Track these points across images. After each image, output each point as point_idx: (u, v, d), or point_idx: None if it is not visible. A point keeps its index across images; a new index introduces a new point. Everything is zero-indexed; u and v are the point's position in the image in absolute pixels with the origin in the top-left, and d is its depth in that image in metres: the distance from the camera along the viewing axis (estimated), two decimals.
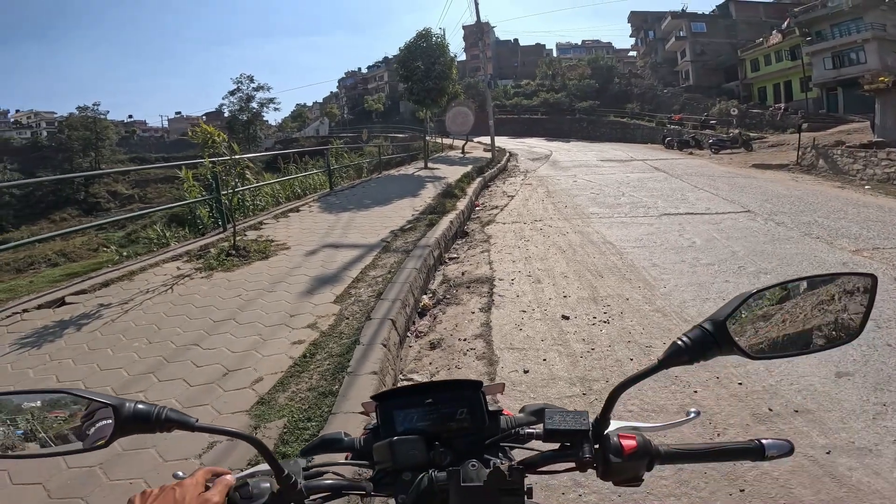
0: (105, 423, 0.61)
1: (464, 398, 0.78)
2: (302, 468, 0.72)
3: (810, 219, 7.02)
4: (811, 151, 13.75)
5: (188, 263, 5.24)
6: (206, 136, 5.48)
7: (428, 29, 15.83)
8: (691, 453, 0.70)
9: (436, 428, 0.76)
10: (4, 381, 2.86)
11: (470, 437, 0.76)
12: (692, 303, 4.09)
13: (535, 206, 9.08)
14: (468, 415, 0.77)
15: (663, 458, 0.69)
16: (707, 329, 0.65)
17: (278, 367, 2.90)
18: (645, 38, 48.29)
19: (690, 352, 0.65)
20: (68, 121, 49.88)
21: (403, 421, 0.77)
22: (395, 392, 0.83)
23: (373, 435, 0.79)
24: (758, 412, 2.55)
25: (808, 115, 25.77)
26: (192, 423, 0.64)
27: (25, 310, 3.95)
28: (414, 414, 0.77)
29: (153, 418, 0.62)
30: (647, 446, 0.69)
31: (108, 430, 0.61)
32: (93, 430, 0.62)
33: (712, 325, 0.65)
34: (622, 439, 0.69)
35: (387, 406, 0.79)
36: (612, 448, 0.68)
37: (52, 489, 1.95)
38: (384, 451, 0.72)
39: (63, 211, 38.22)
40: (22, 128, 62.94)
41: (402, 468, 0.70)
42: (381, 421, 0.78)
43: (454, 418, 0.77)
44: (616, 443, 0.69)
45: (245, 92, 41.18)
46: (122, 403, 0.61)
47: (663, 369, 0.66)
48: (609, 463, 0.68)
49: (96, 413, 0.62)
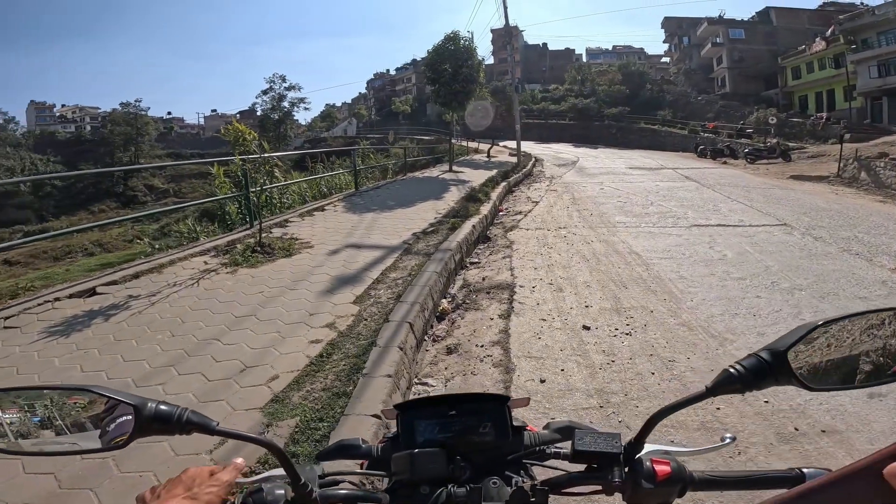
0: (125, 420, 0.60)
1: (488, 412, 0.77)
2: (317, 475, 0.70)
3: (850, 234, 6.71)
4: (853, 163, 13.17)
5: (215, 258, 5.35)
6: (236, 133, 5.60)
7: (456, 32, 15.86)
8: (726, 480, 0.67)
9: (457, 441, 0.74)
10: (30, 370, 2.96)
11: (492, 451, 0.74)
12: (720, 318, 3.94)
13: (560, 213, 8.96)
14: (492, 429, 0.75)
15: (697, 484, 0.66)
16: (764, 358, 0.61)
17: (295, 366, 2.92)
18: (679, 43, 47.34)
19: (744, 380, 0.61)
20: (111, 116, 51.98)
21: (424, 432, 0.76)
22: (417, 402, 0.81)
23: (391, 444, 0.78)
24: (783, 431, 2.45)
25: (850, 125, 24.74)
26: (213, 426, 0.63)
27: (57, 298, 4.10)
28: (436, 425, 0.76)
29: (174, 420, 0.61)
30: (682, 472, 0.65)
31: (127, 429, 0.60)
32: (112, 427, 0.61)
33: (770, 355, 0.61)
34: (655, 464, 0.66)
35: (408, 416, 0.78)
36: (645, 473, 0.65)
37: (63, 479, 1.98)
38: (403, 463, 0.70)
39: (102, 203, 39.80)
40: (67, 122, 65.84)
41: (421, 481, 0.69)
42: (402, 430, 0.77)
43: (477, 432, 0.75)
44: (649, 468, 0.65)
45: (277, 91, 42.03)
46: (144, 403, 0.60)
47: (711, 397, 0.62)
48: (640, 488, 0.65)
49: (116, 410, 0.61)
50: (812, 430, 2.44)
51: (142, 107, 50.74)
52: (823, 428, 2.45)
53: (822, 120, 27.41)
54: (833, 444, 2.33)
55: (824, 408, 2.62)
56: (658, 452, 0.68)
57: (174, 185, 42.65)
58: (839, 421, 2.51)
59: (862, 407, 2.61)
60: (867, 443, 2.32)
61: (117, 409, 0.61)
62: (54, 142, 51.72)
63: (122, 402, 0.60)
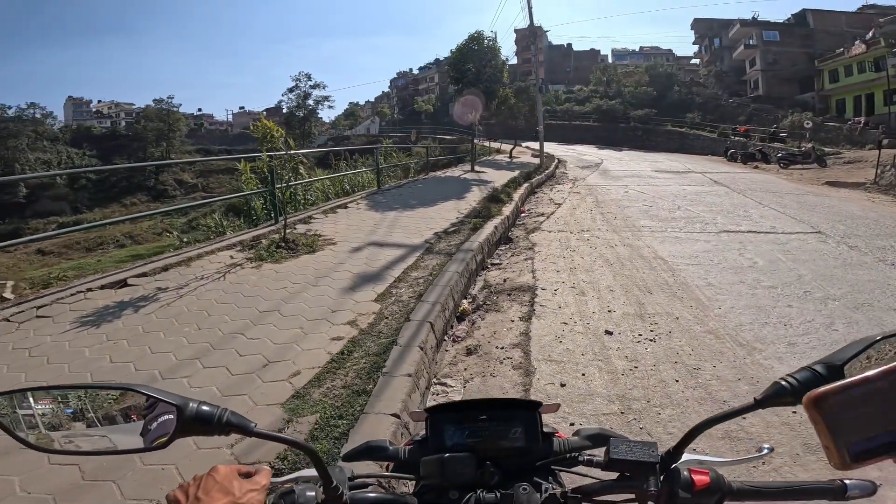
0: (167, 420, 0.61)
1: (518, 417, 0.76)
2: (347, 478, 0.71)
3: (886, 243, 6.43)
4: (891, 170, 12.64)
5: (241, 253, 5.46)
6: (265, 130, 5.70)
7: (480, 32, 15.85)
8: (766, 491, 0.65)
9: (486, 446, 0.74)
10: (61, 359, 3.04)
11: (521, 457, 0.74)
12: (749, 326, 3.82)
13: (583, 216, 8.84)
14: (522, 435, 0.75)
15: (736, 494, 0.64)
16: (819, 372, 0.59)
17: (316, 362, 2.95)
18: (710, 45, 46.20)
19: (796, 394, 0.58)
20: (145, 112, 53.59)
21: (453, 436, 0.75)
22: (447, 406, 0.81)
23: (419, 447, 0.78)
24: (810, 442, 2.36)
25: (889, 130, 23.74)
26: (251, 427, 0.63)
27: (90, 289, 4.23)
28: (465, 429, 0.76)
29: (214, 421, 0.61)
30: (720, 482, 0.64)
31: (169, 429, 0.60)
32: (154, 426, 0.62)
33: (826, 369, 0.58)
34: (694, 474, 0.64)
35: (438, 419, 0.77)
36: (682, 482, 0.63)
37: (87, 471, 2.02)
38: (433, 467, 0.70)
39: (134, 196, 41.13)
40: (103, 117, 68.11)
41: (450, 486, 0.69)
42: (431, 434, 0.77)
43: (507, 437, 0.75)
44: (687, 477, 0.64)
45: (303, 89, 42.65)
46: (186, 403, 0.61)
47: (760, 409, 0.61)
48: (676, 498, 0.63)
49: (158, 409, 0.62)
50: None
51: (174, 103, 52.23)
52: None
53: (860, 125, 26.38)
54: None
55: None
56: (694, 462, 0.67)
57: (203, 181, 43.73)
58: None
59: None
60: None
61: (159, 408, 0.62)
62: (90, 136, 53.61)
63: (165, 402, 0.61)
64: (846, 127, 26.75)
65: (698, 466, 0.66)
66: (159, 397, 0.61)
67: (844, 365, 0.57)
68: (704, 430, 0.63)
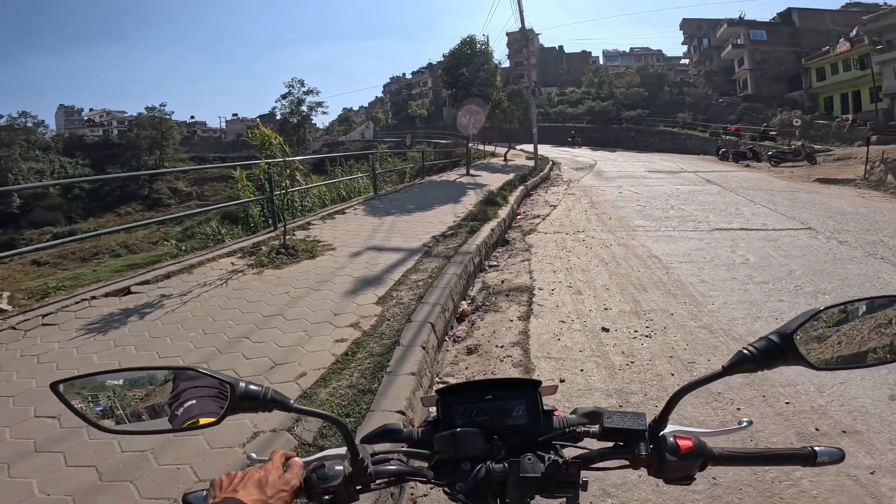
0: (220, 397, 0.68)
1: (521, 396, 0.82)
2: (370, 454, 0.77)
3: (876, 238, 6.57)
4: (880, 166, 12.83)
5: (241, 259, 5.52)
6: (263, 138, 5.77)
7: (472, 36, 16.00)
8: (744, 456, 0.74)
9: (493, 423, 0.80)
10: (70, 365, 3.10)
11: (524, 433, 0.80)
12: (742, 321, 3.93)
13: (578, 217, 8.95)
14: (525, 412, 0.81)
15: (717, 459, 0.72)
16: (774, 340, 0.68)
17: (321, 364, 3.02)
18: (699, 45, 46.65)
19: (756, 360, 0.68)
20: (137, 120, 53.45)
21: (463, 415, 0.81)
22: (456, 388, 0.87)
23: (431, 428, 0.83)
24: (804, 431, 2.47)
25: (877, 126, 24.06)
26: (290, 404, 0.71)
27: (94, 297, 4.29)
28: (473, 409, 0.81)
29: (260, 398, 0.69)
30: (703, 447, 0.72)
31: (223, 405, 0.67)
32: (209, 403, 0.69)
33: (779, 337, 0.68)
34: (679, 440, 0.72)
35: (448, 400, 0.84)
36: (669, 447, 0.71)
37: (104, 472, 2.07)
38: (446, 442, 0.76)
39: (128, 205, 40.98)
40: (95, 126, 67.77)
41: (462, 458, 0.75)
42: (442, 414, 0.83)
43: (511, 415, 0.81)
44: (672, 443, 0.72)
45: (296, 95, 42.72)
46: (238, 382, 0.68)
47: (727, 375, 0.70)
48: (664, 461, 0.71)
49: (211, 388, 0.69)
50: (833, 431, 2.45)
51: (166, 111, 52.19)
52: (844, 429, 2.46)
53: (848, 122, 26.74)
54: (853, 444, 2.33)
55: (845, 409, 2.62)
56: (680, 432, 0.75)
57: (197, 189, 43.64)
58: (860, 422, 2.51)
59: (883, 409, 2.61)
60: (888, 443, 2.32)
61: (213, 387, 0.69)
62: (83, 145, 53.39)
63: (221, 380, 0.68)
64: (835, 124, 27.09)
65: (684, 434, 0.74)
66: (215, 376, 0.68)
67: (794, 333, 0.67)
68: (682, 397, 0.72)
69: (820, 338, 0.71)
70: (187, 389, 0.71)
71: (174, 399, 0.71)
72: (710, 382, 0.70)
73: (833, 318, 0.71)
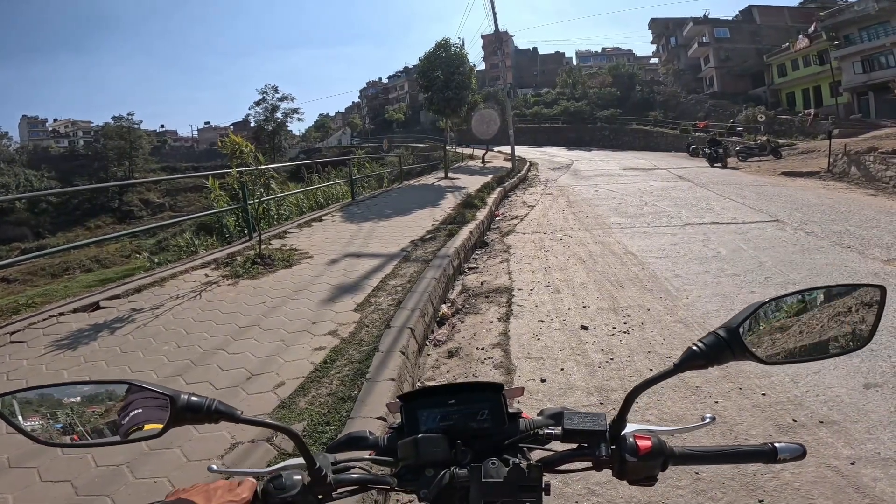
0: (160, 410, 0.66)
1: (485, 400, 0.81)
2: (331, 463, 0.76)
3: (842, 228, 6.81)
4: (843, 158, 13.33)
5: (216, 271, 5.40)
6: (233, 146, 5.66)
7: (447, 39, 16.05)
8: (704, 455, 0.73)
9: (458, 428, 0.78)
10: (40, 381, 2.92)
11: (490, 437, 0.79)
12: (716, 314, 4.02)
13: (556, 217, 9.05)
14: (489, 416, 0.80)
15: (677, 458, 0.71)
16: (721, 335, 0.68)
17: (300, 373, 2.97)
18: (667, 44, 47.77)
19: (705, 356, 0.68)
20: (104, 130, 51.97)
21: (427, 420, 0.80)
22: (419, 392, 0.85)
23: (396, 434, 0.82)
24: (781, 423, 2.51)
25: (839, 120, 24.99)
26: (237, 414, 0.68)
27: (62, 313, 4.14)
28: (437, 414, 0.80)
29: (204, 409, 0.66)
30: (662, 447, 0.71)
31: (164, 418, 0.65)
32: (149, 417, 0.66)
33: (726, 332, 0.68)
34: (638, 440, 0.72)
35: (411, 406, 0.82)
36: (628, 448, 0.71)
37: (80, 486, 2.03)
38: (409, 448, 0.74)
39: (98, 218, 39.75)
40: (60, 136, 65.72)
41: (425, 464, 0.73)
42: (406, 420, 0.81)
43: (475, 419, 0.79)
44: (632, 443, 0.71)
45: (270, 102, 42.21)
46: (178, 395, 0.66)
47: (679, 373, 0.69)
48: (625, 462, 0.70)
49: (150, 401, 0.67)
50: (810, 422, 2.50)
51: (134, 120, 50.91)
52: (821, 419, 2.51)
53: (811, 116, 27.69)
54: (832, 434, 2.38)
55: (821, 399, 2.68)
56: (642, 431, 0.74)
57: (170, 200, 42.63)
58: (836, 412, 2.56)
59: (859, 398, 2.67)
60: (865, 432, 2.37)
61: (153, 401, 0.67)
62: (48, 157, 51.70)
63: (159, 394, 0.66)
64: (797, 119, 28.02)
65: (645, 434, 0.73)
66: (154, 389, 0.66)
67: (738, 327, 0.68)
68: (638, 395, 0.71)
69: (777, 333, 0.71)
70: (136, 401, 0.69)
71: (123, 411, 0.68)
72: (663, 380, 0.70)
73: (792, 309, 0.72)
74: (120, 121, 50.22)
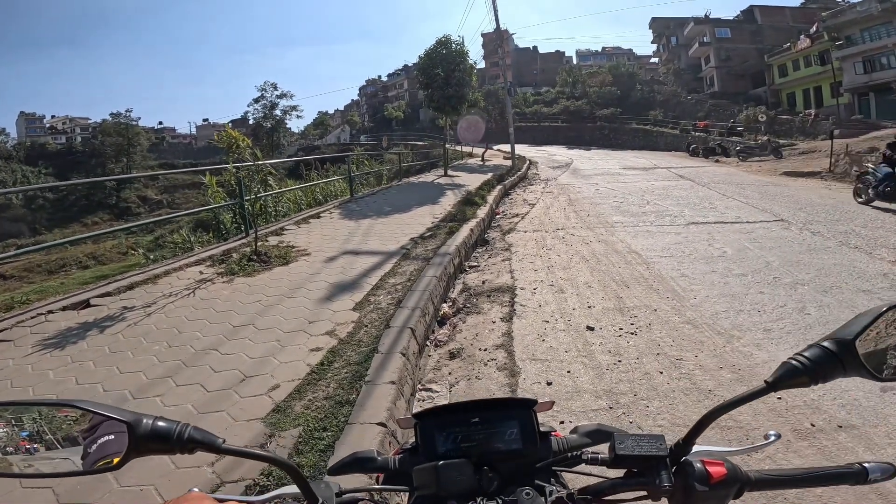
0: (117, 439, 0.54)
1: (513, 417, 0.72)
2: (334, 493, 0.65)
3: (847, 228, 6.72)
4: (844, 158, 13.27)
5: (211, 268, 5.27)
6: (230, 140, 5.53)
7: (447, 36, 15.87)
8: (786, 479, 0.62)
9: (481, 449, 0.69)
10: (25, 382, 2.88)
11: (519, 460, 0.70)
12: (725, 314, 3.91)
13: (557, 215, 8.93)
14: (518, 435, 0.70)
15: (755, 484, 0.61)
16: (829, 349, 0.57)
17: (295, 375, 2.85)
18: (667, 44, 47.67)
19: (809, 373, 0.57)
20: (102, 127, 51.69)
21: (445, 441, 0.70)
22: (436, 410, 0.76)
23: (409, 456, 0.72)
24: (799, 427, 2.42)
25: (839, 121, 24.93)
26: (218, 443, 0.57)
27: (50, 311, 4.01)
28: (457, 434, 0.71)
29: (174, 437, 0.55)
30: (737, 473, 0.60)
31: (120, 448, 0.54)
32: (100, 446, 0.55)
33: (836, 345, 0.57)
34: (708, 465, 0.61)
35: (427, 424, 0.72)
36: (697, 475, 0.60)
37: (62, 493, 1.93)
38: (427, 476, 0.64)
39: (95, 215, 39.52)
40: (57, 133, 65.32)
41: (447, 495, 0.63)
42: (421, 441, 0.72)
43: (503, 440, 0.70)
44: (701, 469, 0.61)
45: (269, 99, 42.06)
46: (139, 420, 0.54)
47: (772, 392, 0.58)
48: (693, 491, 0.60)
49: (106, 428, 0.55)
50: (828, 426, 2.41)
51: (132, 117, 50.65)
52: (840, 423, 2.42)
53: (812, 117, 27.63)
54: (851, 439, 2.29)
55: (838, 403, 2.59)
56: (703, 453, 0.64)
57: (167, 196, 42.45)
58: (855, 416, 2.48)
59: (877, 402, 2.58)
60: (885, 437, 2.29)
61: (106, 426, 0.55)
62: (45, 153, 51.39)
63: (114, 419, 0.54)
64: (798, 119, 27.97)
65: (710, 457, 0.63)
66: (106, 413, 0.54)
67: (855, 339, 0.56)
68: (716, 418, 0.61)
69: (877, 341, 0.59)
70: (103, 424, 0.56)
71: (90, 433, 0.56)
72: (751, 400, 0.59)
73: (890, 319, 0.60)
74: (118, 117, 49.95)
